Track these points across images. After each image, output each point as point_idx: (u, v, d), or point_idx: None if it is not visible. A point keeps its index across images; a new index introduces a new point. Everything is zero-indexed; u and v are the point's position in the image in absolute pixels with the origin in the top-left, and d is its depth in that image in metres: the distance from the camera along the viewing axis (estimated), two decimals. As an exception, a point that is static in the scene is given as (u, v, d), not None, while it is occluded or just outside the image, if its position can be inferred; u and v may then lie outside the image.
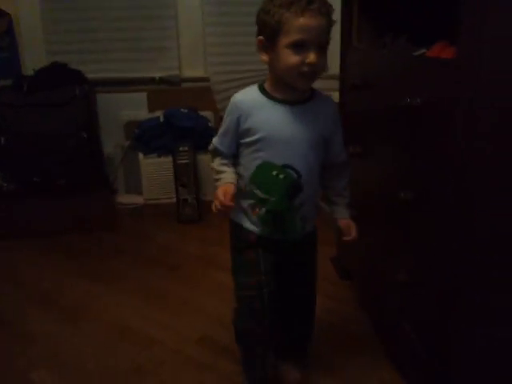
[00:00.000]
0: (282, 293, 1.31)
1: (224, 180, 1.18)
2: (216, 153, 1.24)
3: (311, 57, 1.06)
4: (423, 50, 1.31)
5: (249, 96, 1.18)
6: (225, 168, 1.21)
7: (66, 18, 2.91)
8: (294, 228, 1.23)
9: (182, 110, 2.82)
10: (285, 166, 1.15)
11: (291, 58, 1.07)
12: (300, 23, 1.04)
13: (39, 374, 1.54)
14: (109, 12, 2.92)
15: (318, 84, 1.18)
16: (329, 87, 2.74)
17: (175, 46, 3.02)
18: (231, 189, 1.14)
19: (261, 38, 1.12)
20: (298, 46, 1.06)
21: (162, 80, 3.02)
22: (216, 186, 1.19)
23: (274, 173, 1.15)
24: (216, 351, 1.61)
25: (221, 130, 1.23)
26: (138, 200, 2.94)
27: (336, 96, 2.01)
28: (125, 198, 2.96)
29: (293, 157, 1.15)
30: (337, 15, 1.79)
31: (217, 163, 1.23)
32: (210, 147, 1.26)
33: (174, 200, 2.69)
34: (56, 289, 2.04)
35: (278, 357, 1.46)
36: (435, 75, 1.12)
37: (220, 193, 1.13)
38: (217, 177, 1.21)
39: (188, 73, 3.05)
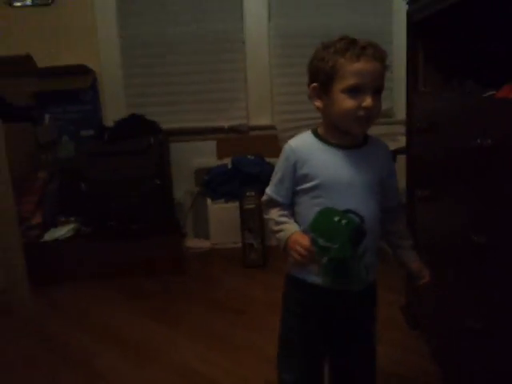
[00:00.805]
0: (341, 351, 1.25)
1: (289, 230, 1.13)
2: (271, 203, 1.19)
3: (367, 101, 1.05)
4: (492, 92, 1.29)
5: (304, 142, 1.16)
6: (285, 219, 1.16)
7: (144, 73, 3.15)
8: (358, 276, 1.15)
9: (249, 156, 2.91)
10: (346, 211, 1.10)
11: (347, 103, 1.06)
12: (355, 68, 1.04)
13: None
14: (183, 67, 3.13)
15: (385, 129, 1.18)
16: (395, 132, 2.75)
17: (244, 97, 3.15)
18: (303, 235, 1.10)
19: (315, 84, 1.12)
20: (354, 91, 1.05)
21: (230, 129, 3.14)
22: (278, 237, 1.15)
23: (336, 218, 1.08)
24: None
25: (275, 179, 1.18)
26: (206, 244, 3.00)
27: (403, 140, 2.01)
28: (193, 242, 3.04)
29: (354, 201, 1.11)
30: (402, 60, 1.83)
31: (275, 214, 1.17)
32: (264, 198, 1.21)
33: (240, 245, 2.73)
34: (124, 329, 2.09)
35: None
36: (505, 115, 1.09)
37: (294, 240, 1.09)
38: (277, 228, 1.15)
39: (255, 121, 3.16)
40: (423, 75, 1.72)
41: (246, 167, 2.85)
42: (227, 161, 2.98)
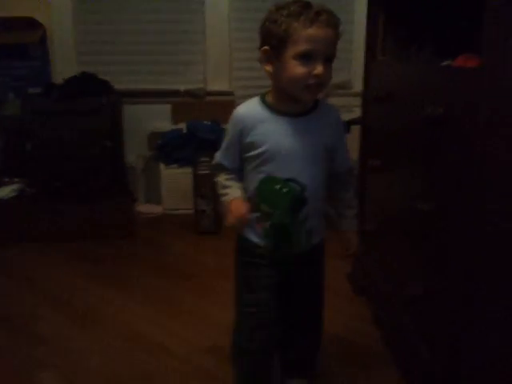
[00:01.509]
0: (289, 306, 1.29)
1: (232, 195, 1.17)
2: (220, 168, 1.22)
3: (318, 68, 1.04)
4: (448, 62, 1.29)
5: (251, 109, 1.15)
6: (231, 183, 1.19)
7: (97, 30, 2.99)
8: (299, 241, 1.20)
9: (205, 122, 2.85)
10: (288, 180, 1.13)
11: (298, 69, 1.05)
12: (308, 33, 1.02)
13: (46, 375, 1.53)
14: (138, 25, 2.99)
15: (342, 101, 1.17)
16: (353, 104, 2.75)
17: (202, 60, 3.06)
18: (243, 202, 1.13)
19: (266, 47, 1.09)
20: (306, 57, 1.04)
21: (187, 93, 3.06)
22: (223, 200, 1.18)
23: (278, 186, 1.14)
24: (225, 362, 1.57)
25: (223, 145, 1.21)
26: (157, 209, 2.95)
27: (359, 112, 2.01)
28: (144, 208, 2.99)
29: (296, 170, 1.13)
30: (362, 29, 1.81)
31: (222, 178, 1.20)
32: (213, 162, 1.24)
33: (193, 211, 2.69)
34: (69, 292, 2.05)
35: (284, 373, 1.41)
36: (459, 84, 1.10)
37: (233, 206, 1.12)
38: (223, 191, 1.19)
39: (213, 86, 3.09)
40: (382, 44, 1.72)
41: (202, 133, 2.79)
42: (182, 125, 2.91)
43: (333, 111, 1.21)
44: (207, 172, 2.63)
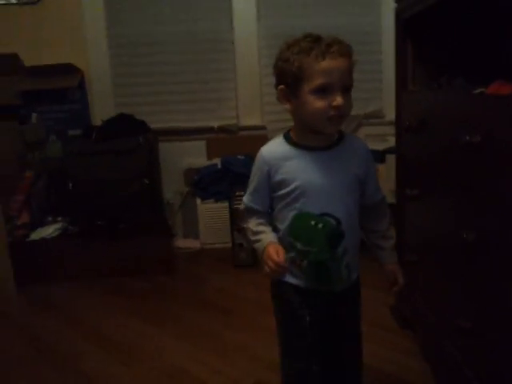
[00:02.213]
0: (329, 349, 1.24)
1: (266, 240, 1.13)
2: (249, 212, 1.19)
3: (337, 100, 1.03)
4: (482, 89, 1.29)
5: (275, 148, 1.15)
6: (262, 228, 1.16)
7: (133, 72, 3.12)
8: (340, 277, 1.15)
9: (239, 156, 2.90)
10: (322, 215, 1.10)
11: (317, 104, 1.04)
12: (322, 67, 1.02)
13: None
14: (173, 67, 3.10)
15: (375, 130, 1.18)
16: (386, 133, 2.75)
17: (233, 97, 3.14)
18: (281, 248, 1.10)
19: (282, 86, 1.09)
20: (323, 91, 1.03)
21: (220, 129, 3.13)
22: (256, 247, 1.16)
23: (313, 222, 1.10)
24: (269, 398, 1.56)
25: (250, 188, 1.19)
26: (195, 244, 2.99)
27: (393, 141, 2.01)
28: (183, 243, 3.03)
29: (330, 204, 1.11)
30: (392, 59, 1.83)
31: (253, 224, 1.18)
32: (241, 207, 1.22)
33: (230, 245, 2.71)
34: (111, 328, 2.08)
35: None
36: (494, 112, 1.09)
37: (272, 252, 1.08)
38: (255, 238, 1.16)
39: (245, 121, 3.15)
40: (412, 74, 1.73)
41: (236, 167, 2.84)
42: (217, 161, 2.97)
43: (359, 142, 1.20)
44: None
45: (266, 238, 1.14)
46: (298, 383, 1.21)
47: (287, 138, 1.15)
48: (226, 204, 2.76)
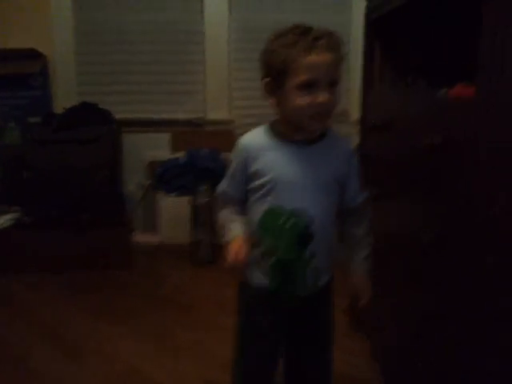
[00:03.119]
0: (294, 354, 1.21)
1: (233, 232, 1.09)
2: (223, 198, 1.16)
3: (323, 96, 0.99)
4: (445, 91, 1.28)
5: (256, 138, 1.11)
6: (233, 217, 1.13)
7: (98, 60, 3.02)
8: (305, 281, 1.07)
9: (205, 151, 2.84)
10: (294, 211, 1.03)
11: (301, 100, 1.00)
12: (308, 61, 0.98)
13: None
14: (138, 56, 3.02)
15: (339, 129, 1.14)
16: (350, 132, 2.75)
17: (201, 90, 3.08)
18: (244, 244, 1.05)
19: (267, 79, 1.05)
20: (308, 86, 0.99)
21: (186, 122, 3.07)
22: (223, 236, 1.12)
23: (282, 219, 1.03)
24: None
25: (228, 174, 1.16)
26: (155, 239, 2.93)
27: (357, 140, 1.99)
28: (142, 237, 2.95)
29: (303, 201, 1.06)
30: (358, 59, 1.81)
31: (225, 211, 1.15)
32: (216, 191, 1.18)
33: (190, 241, 2.66)
34: (64, 324, 2.01)
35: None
36: (456, 115, 1.08)
37: (235, 247, 1.04)
38: (224, 227, 1.12)
39: (212, 115, 3.10)
40: (379, 74, 1.72)
41: (201, 161, 2.79)
42: (181, 154, 2.91)
43: (342, 141, 1.15)
44: (206, 201, 2.61)
45: (234, 232, 1.09)
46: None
47: (268, 129, 1.12)
48: (189, 198, 2.70)
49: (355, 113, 2.06)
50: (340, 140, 1.15)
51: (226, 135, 3.03)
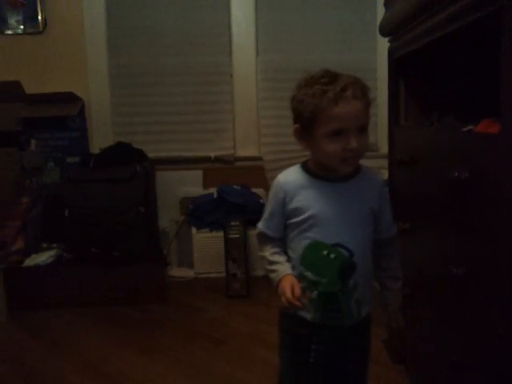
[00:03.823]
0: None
1: (282, 272, 1.11)
2: (263, 238, 1.18)
3: (352, 143, 1.02)
4: (470, 127, 1.33)
5: (292, 176, 1.15)
6: (277, 257, 1.15)
7: (132, 102, 3.18)
8: (349, 311, 1.12)
9: (235, 186, 2.92)
10: (335, 245, 1.08)
11: (330, 147, 1.04)
12: (335, 113, 1.01)
13: None
14: (170, 98, 3.17)
15: (369, 163, 1.19)
16: (380, 166, 2.78)
17: (231, 128, 3.19)
18: (296, 282, 1.07)
19: (297, 126, 1.10)
20: (337, 134, 1.03)
21: (217, 159, 3.17)
22: (271, 278, 1.14)
23: (325, 252, 1.08)
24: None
25: (266, 214, 1.18)
26: (189, 273, 2.98)
27: (386, 174, 2.03)
28: (177, 272, 3.02)
29: (343, 234, 1.09)
30: (385, 95, 1.88)
31: (268, 252, 1.16)
32: (256, 232, 1.21)
33: (224, 275, 2.71)
34: (102, 358, 2.05)
35: None
36: (482, 149, 1.12)
37: (287, 287, 1.05)
38: (271, 268, 1.14)
39: (242, 152, 3.19)
40: (404, 110, 1.77)
41: (232, 197, 2.86)
42: (213, 190, 2.99)
43: (375, 176, 1.19)
44: (238, 236, 2.67)
45: (283, 271, 1.11)
46: None
47: (304, 167, 1.15)
48: (221, 233, 2.77)
49: (385, 147, 2.11)
50: (372, 174, 1.19)
51: (256, 171, 3.11)
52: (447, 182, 1.23)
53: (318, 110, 1.02)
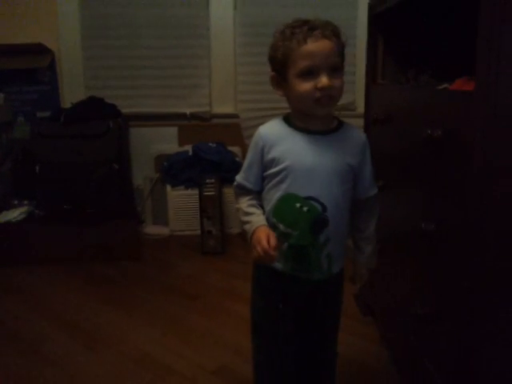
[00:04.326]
0: (302, 338, 1.25)
1: (256, 223, 1.11)
2: (241, 190, 1.18)
3: (322, 81, 1.03)
4: (446, 85, 1.32)
5: (273, 127, 1.15)
6: (253, 209, 1.15)
7: (105, 55, 3.06)
8: (318, 265, 1.14)
9: (211, 144, 2.90)
10: (309, 198, 1.08)
11: (302, 86, 1.05)
12: (304, 50, 1.03)
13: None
14: (145, 51, 3.06)
15: (347, 122, 1.18)
16: (358, 125, 2.79)
17: (207, 84, 3.12)
18: (272, 233, 1.07)
19: (272, 73, 1.12)
20: (308, 73, 1.04)
21: (192, 115, 3.12)
22: (245, 228, 1.14)
23: (298, 205, 1.08)
24: (232, 383, 1.58)
25: (244, 165, 1.18)
26: (164, 231, 2.98)
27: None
28: (151, 229, 3.02)
29: (317, 188, 1.09)
30: (363, 54, 1.86)
31: (245, 204, 1.16)
32: (234, 184, 1.20)
33: (199, 232, 2.72)
34: (77, 313, 2.06)
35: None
36: (455, 107, 1.13)
37: (262, 237, 1.05)
38: (246, 219, 1.14)
39: (218, 109, 3.14)
40: (382, 68, 1.76)
41: (207, 154, 2.83)
42: (188, 147, 2.96)
43: (359, 133, 1.19)
44: (213, 193, 2.67)
45: (257, 221, 1.12)
46: (269, 367, 1.23)
47: (285, 119, 1.16)
48: (196, 191, 2.76)
49: (362, 106, 2.10)
50: (355, 131, 1.18)
51: (232, 128, 3.08)
52: (420, 140, 1.24)
53: (288, 51, 1.05)
